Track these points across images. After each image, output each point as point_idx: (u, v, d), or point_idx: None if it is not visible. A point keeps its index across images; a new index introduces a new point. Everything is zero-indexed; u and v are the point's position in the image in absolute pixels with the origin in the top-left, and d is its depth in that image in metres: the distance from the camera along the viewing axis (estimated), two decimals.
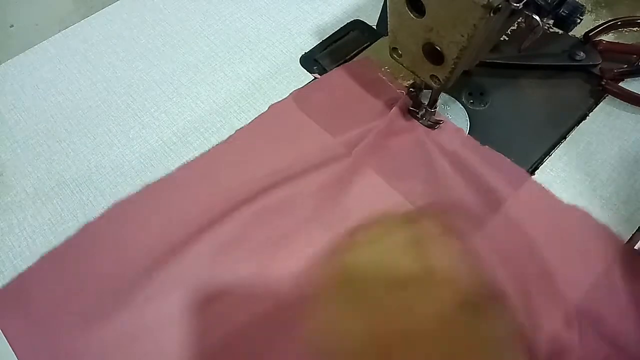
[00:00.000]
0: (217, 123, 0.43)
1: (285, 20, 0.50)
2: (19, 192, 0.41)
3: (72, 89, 0.47)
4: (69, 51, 0.49)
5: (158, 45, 0.49)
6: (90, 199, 0.40)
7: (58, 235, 0.38)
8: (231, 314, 0.34)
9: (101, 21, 0.52)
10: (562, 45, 0.43)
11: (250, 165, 0.40)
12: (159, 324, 0.34)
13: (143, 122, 0.44)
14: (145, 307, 0.34)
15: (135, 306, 0.34)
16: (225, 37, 0.49)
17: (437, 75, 0.34)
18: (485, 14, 0.25)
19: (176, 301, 0.34)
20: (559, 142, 0.40)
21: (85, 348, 0.33)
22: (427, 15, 0.29)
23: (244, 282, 0.35)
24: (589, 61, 0.42)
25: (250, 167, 0.39)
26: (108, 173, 0.41)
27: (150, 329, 0.33)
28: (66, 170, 0.42)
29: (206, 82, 0.46)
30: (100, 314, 0.34)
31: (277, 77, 0.46)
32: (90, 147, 0.43)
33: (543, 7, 0.26)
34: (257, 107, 0.44)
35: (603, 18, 0.45)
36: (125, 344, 0.33)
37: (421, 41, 0.32)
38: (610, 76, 0.42)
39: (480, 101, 0.42)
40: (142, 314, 0.34)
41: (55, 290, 0.35)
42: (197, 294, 0.34)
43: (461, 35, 0.28)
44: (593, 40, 0.43)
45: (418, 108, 0.41)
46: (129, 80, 0.47)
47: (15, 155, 0.43)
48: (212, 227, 0.36)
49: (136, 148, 0.43)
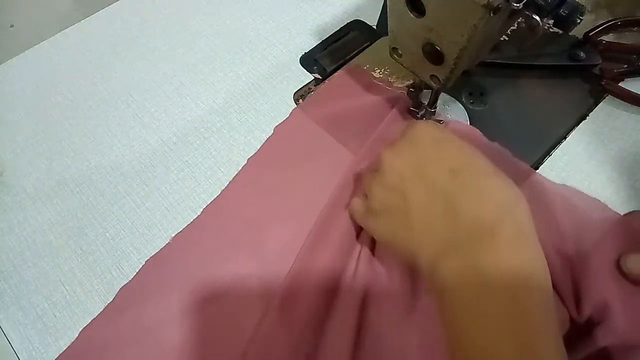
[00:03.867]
0: (217, 123, 0.43)
1: (285, 20, 0.50)
2: (19, 192, 0.41)
3: (72, 89, 0.47)
4: (69, 51, 0.49)
5: (158, 45, 0.49)
6: (90, 199, 0.40)
7: (58, 235, 0.38)
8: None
9: (101, 21, 0.52)
10: (562, 45, 0.43)
11: (274, 191, 0.39)
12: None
13: (143, 122, 0.44)
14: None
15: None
16: (225, 37, 0.49)
17: (437, 75, 0.34)
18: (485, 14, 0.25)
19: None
20: (559, 142, 0.40)
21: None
22: (427, 15, 0.29)
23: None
24: (589, 61, 0.42)
25: (275, 196, 0.39)
26: (108, 173, 0.41)
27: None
28: (66, 170, 0.42)
29: (206, 82, 0.46)
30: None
31: (277, 77, 0.46)
32: (90, 147, 0.43)
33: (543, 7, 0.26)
34: (257, 107, 0.44)
35: (603, 18, 0.45)
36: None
37: (421, 41, 0.32)
38: (610, 76, 0.42)
39: (480, 101, 0.42)
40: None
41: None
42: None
43: (461, 35, 0.28)
44: (593, 40, 0.43)
45: (418, 108, 0.41)
46: (129, 80, 0.47)
47: (15, 155, 0.43)
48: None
49: (136, 148, 0.43)
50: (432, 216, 0.28)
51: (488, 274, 0.25)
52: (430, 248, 0.27)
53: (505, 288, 0.24)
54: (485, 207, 0.26)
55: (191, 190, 0.40)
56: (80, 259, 0.37)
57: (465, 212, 0.27)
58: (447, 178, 0.28)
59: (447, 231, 0.27)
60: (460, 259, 0.26)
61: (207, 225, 0.38)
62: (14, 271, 0.37)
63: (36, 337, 0.34)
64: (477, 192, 0.27)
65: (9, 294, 0.36)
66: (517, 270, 0.25)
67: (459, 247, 0.26)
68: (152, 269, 0.36)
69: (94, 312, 0.35)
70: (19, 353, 0.34)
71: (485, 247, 0.25)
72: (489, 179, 0.28)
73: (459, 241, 0.26)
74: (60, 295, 0.36)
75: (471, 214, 0.26)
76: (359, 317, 0.32)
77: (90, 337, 0.34)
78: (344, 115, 0.42)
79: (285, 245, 0.36)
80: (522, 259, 0.25)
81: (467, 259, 0.26)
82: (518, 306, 0.24)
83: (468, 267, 0.25)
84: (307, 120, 0.42)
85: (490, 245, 0.25)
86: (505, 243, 0.25)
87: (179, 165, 0.41)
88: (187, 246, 0.37)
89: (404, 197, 0.29)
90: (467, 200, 0.27)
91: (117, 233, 0.38)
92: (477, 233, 0.26)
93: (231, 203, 0.39)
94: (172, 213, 0.39)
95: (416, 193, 0.29)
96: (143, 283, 0.35)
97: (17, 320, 0.35)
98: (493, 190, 0.27)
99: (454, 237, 0.27)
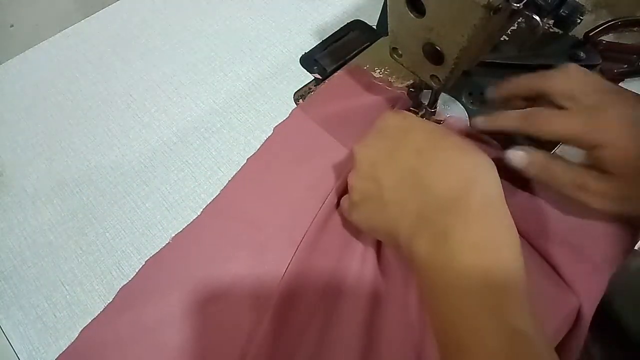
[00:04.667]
0: (217, 123, 0.43)
1: (285, 20, 0.50)
2: (19, 192, 0.41)
3: (72, 89, 0.47)
4: (69, 51, 0.49)
5: (158, 45, 0.49)
6: (90, 199, 0.40)
7: (58, 235, 0.38)
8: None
9: (101, 21, 0.52)
10: (562, 45, 0.43)
11: (274, 191, 0.39)
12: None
13: (143, 122, 0.44)
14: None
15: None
16: (225, 37, 0.49)
17: (437, 75, 0.34)
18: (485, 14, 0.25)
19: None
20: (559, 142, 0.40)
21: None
22: (427, 15, 0.29)
23: (244, 282, 0.35)
24: (589, 61, 0.42)
25: (274, 196, 0.39)
26: (108, 173, 0.41)
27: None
28: (66, 170, 0.42)
29: (206, 82, 0.46)
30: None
31: (277, 77, 0.46)
32: (90, 147, 0.43)
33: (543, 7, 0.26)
34: (257, 107, 0.44)
35: (603, 18, 0.45)
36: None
37: (421, 41, 0.32)
38: (610, 76, 0.42)
39: (480, 101, 0.42)
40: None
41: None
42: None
43: (461, 35, 0.28)
44: (593, 40, 0.43)
45: (418, 108, 0.41)
46: (129, 80, 0.47)
47: (15, 155, 0.43)
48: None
49: (136, 148, 0.43)
50: (403, 195, 0.28)
51: (458, 247, 0.25)
52: (405, 226, 0.28)
53: (474, 260, 0.24)
54: (451, 179, 0.27)
55: (191, 190, 0.40)
56: (80, 259, 0.37)
57: (432, 186, 0.27)
58: (414, 157, 0.29)
59: (417, 207, 0.27)
60: (430, 233, 0.26)
61: (207, 225, 0.38)
62: (14, 271, 0.37)
63: (36, 337, 0.34)
64: (442, 165, 0.28)
65: (9, 294, 0.36)
66: (486, 241, 0.25)
67: (429, 221, 0.26)
68: (152, 269, 0.36)
69: (94, 312, 0.35)
70: (19, 353, 0.34)
71: (453, 219, 0.26)
72: (454, 152, 0.28)
73: (429, 215, 0.27)
74: (60, 295, 0.36)
75: (439, 187, 0.27)
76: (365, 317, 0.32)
77: (90, 337, 0.34)
78: (344, 115, 0.42)
79: (285, 245, 0.36)
80: (491, 229, 0.25)
81: (436, 233, 0.26)
82: (489, 279, 0.24)
83: (438, 241, 0.25)
84: (307, 120, 0.42)
85: (458, 216, 0.25)
86: (473, 214, 0.25)
87: (179, 165, 0.41)
88: (187, 246, 0.37)
89: (377, 182, 0.30)
90: (434, 174, 0.27)
91: (117, 233, 0.38)
92: (445, 205, 0.26)
93: (231, 203, 0.39)
94: (172, 213, 0.39)
95: (387, 176, 0.29)
96: (143, 283, 0.35)
97: (17, 320, 0.35)
98: (459, 162, 0.28)
99: (424, 211, 0.27)
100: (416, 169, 0.28)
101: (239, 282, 0.35)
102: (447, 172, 0.27)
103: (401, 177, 0.29)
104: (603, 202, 0.30)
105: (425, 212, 0.27)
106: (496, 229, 0.25)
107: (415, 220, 0.27)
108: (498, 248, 0.25)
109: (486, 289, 0.24)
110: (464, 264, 0.24)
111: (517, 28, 0.45)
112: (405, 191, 0.28)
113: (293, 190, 0.39)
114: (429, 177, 0.27)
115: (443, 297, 0.25)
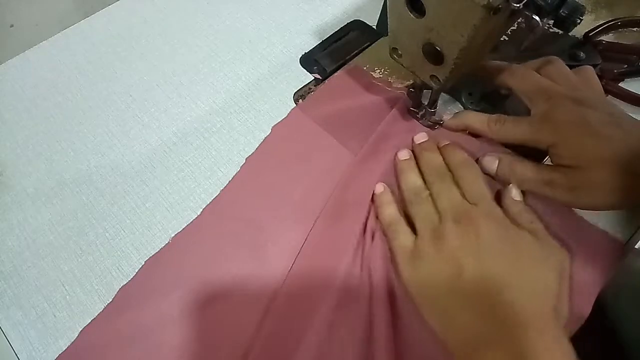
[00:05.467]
0: (217, 123, 0.43)
1: (285, 20, 0.50)
2: (19, 192, 0.41)
3: (72, 89, 0.47)
4: (69, 51, 0.49)
5: (158, 45, 0.49)
6: (90, 199, 0.40)
7: (58, 235, 0.38)
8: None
9: (101, 21, 0.52)
10: (562, 45, 0.43)
11: (273, 191, 0.39)
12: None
13: (143, 122, 0.44)
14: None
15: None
16: (225, 37, 0.49)
17: (437, 75, 0.34)
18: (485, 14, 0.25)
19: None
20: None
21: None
22: (427, 15, 0.29)
23: (245, 282, 0.35)
24: (589, 61, 0.42)
25: (274, 196, 0.39)
26: (108, 173, 0.41)
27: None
28: (66, 170, 0.42)
29: (206, 82, 0.46)
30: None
31: (277, 77, 0.46)
32: (90, 147, 0.43)
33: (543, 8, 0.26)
34: (257, 107, 0.44)
35: (603, 18, 0.45)
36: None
37: (421, 41, 0.32)
38: (610, 76, 0.42)
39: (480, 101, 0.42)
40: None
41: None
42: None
43: (461, 35, 0.28)
44: (593, 40, 0.43)
45: (418, 108, 0.41)
46: (129, 80, 0.47)
47: (15, 155, 0.43)
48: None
49: (136, 148, 0.43)
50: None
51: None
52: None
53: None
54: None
55: (191, 190, 0.40)
56: (80, 259, 0.37)
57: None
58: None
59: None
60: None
61: (207, 225, 0.38)
62: (14, 271, 0.37)
63: (36, 337, 0.34)
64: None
65: (9, 294, 0.36)
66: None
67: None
68: (152, 269, 0.36)
69: (94, 312, 0.35)
70: (19, 353, 0.34)
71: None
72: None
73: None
74: (60, 295, 0.36)
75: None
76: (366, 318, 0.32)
77: (90, 337, 0.34)
78: (344, 115, 0.42)
79: (285, 245, 0.36)
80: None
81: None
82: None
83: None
84: (306, 119, 0.42)
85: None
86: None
87: (179, 165, 0.41)
88: (187, 246, 0.37)
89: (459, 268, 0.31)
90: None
91: (117, 233, 0.38)
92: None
93: (231, 203, 0.39)
94: (172, 213, 0.39)
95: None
96: (143, 283, 0.35)
97: (17, 320, 0.35)
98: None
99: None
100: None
101: (239, 282, 0.35)
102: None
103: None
104: (569, 195, 0.33)
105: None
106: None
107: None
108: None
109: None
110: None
111: (517, 28, 0.45)
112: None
113: (292, 190, 0.39)
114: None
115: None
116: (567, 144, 0.32)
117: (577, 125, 0.32)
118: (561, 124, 0.33)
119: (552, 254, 0.32)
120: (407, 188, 0.36)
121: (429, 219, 0.33)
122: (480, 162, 0.37)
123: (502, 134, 0.36)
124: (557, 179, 0.33)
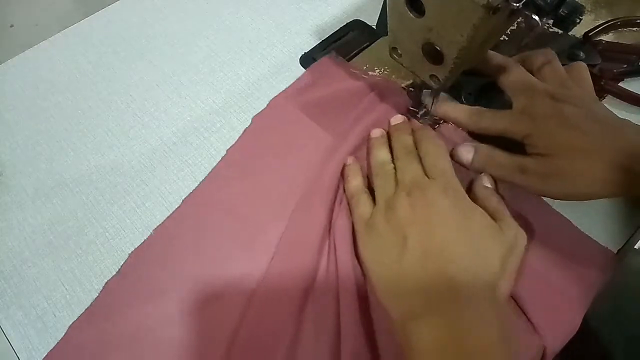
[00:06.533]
0: (217, 123, 0.43)
1: (285, 20, 0.50)
2: (19, 192, 0.41)
3: (72, 89, 0.47)
4: (69, 51, 0.49)
5: (158, 45, 0.49)
6: (90, 199, 0.40)
7: (58, 235, 0.38)
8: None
9: (101, 21, 0.52)
10: (562, 45, 0.43)
11: (257, 180, 0.39)
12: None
13: (143, 122, 0.44)
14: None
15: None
16: (225, 37, 0.49)
17: (436, 75, 0.34)
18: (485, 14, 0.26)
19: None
20: None
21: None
22: (427, 15, 0.29)
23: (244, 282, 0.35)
24: (589, 61, 0.42)
25: (258, 182, 0.39)
26: (108, 173, 0.41)
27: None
28: (66, 170, 0.42)
29: (206, 82, 0.46)
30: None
31: (277, 77, 0.46)
32: (90, 147, 0.43)
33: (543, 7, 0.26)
34: (257, 107, 0.44)
35: (603, 18, 0.45)
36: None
37: (421, 41, 0.32)
38: (610, 76, 0.42)
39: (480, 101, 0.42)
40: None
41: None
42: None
43: (461, 35, 0.28)
44: (593, 40, 0.43)
45: (418, 108, 0.41)
46: (129, 80, 0.47)
47: (15, 155, 0.43)
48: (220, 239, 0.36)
49: (136, 148, 0.43)
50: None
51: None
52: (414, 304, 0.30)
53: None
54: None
55: (191, 190, 0.40)
56: (80, 258, 0.37)
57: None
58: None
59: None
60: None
61: (188, 216, 0.38)
62: (14, 271, 0.37)
63: (36, 337, 0.34)
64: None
65: (9, 294, 0.36)
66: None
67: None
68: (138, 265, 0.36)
69: None
70: (19, 353, 0.34)
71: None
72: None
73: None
74: (60, 295, 0.36)
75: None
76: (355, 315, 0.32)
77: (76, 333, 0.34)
78: (325, 100, 0.42)
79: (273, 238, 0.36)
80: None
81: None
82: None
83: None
84: (288, 107, 0.42)
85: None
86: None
87: (178, 165, 0.41)
88: (170, 240, 0.36)
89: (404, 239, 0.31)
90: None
91: (117, 233, 0.38)
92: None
93: (214, 195, 0.38)
94: None
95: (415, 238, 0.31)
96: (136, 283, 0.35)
97: (17, 320, 0.35)
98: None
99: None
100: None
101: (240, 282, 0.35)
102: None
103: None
104: (542, 183, 0.33)
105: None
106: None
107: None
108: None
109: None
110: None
111: (517, 28, 0.45)
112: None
113: (278, 180, 0.38)
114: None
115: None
116: (542, 133, 0.33)
117: (553, 118, 0.33)
118: (537, 116, 0.34)
119: (506, 230, 0.32)
120: (374, 162, 0.37)
121: (386, 190, 0.34)
122: (456, 151, 0.37)
123: (482, 125, 0.37)
124: (530, 164, 0.34)
